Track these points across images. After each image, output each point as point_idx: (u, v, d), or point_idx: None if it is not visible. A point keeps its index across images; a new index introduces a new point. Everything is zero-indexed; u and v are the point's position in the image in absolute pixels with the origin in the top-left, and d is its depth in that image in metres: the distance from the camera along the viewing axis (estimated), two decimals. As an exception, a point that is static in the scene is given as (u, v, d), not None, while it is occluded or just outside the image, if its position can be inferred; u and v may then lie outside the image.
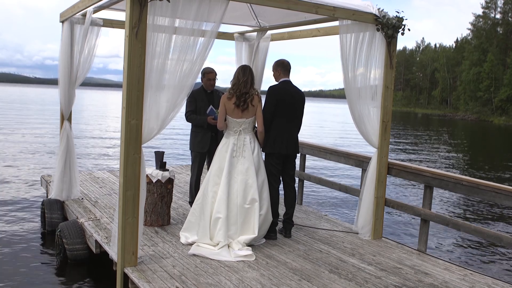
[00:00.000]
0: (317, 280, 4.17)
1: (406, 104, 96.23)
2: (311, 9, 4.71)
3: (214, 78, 5.86)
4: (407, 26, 5.19)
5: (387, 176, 5.56)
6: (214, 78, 5.86)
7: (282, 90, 5.18)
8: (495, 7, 76.10)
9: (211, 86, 5.87)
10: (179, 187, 7.58)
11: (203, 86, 5.88)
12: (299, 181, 7.07)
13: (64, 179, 6.46)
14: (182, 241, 4.92)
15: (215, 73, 5.88)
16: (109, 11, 5.86)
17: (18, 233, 6.82)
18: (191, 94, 5.67)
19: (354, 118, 5.30)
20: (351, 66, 5.12)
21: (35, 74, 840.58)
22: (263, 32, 6.91)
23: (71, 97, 6.41)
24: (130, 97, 3.96)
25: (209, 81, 5.83)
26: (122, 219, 4.10)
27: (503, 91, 65.23)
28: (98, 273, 5.32)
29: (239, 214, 4.82)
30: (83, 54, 6.10)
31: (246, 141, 4.97)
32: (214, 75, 5.86)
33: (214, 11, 4.16)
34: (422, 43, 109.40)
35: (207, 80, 5.82)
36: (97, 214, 5.81)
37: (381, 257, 4.92)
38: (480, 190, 4.71)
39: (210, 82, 5.84)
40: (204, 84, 5.86)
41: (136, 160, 4.07)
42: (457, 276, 4.54)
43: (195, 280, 3.99)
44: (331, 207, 9.79)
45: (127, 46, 3.91)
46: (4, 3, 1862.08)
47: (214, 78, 5.86)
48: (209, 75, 5.82)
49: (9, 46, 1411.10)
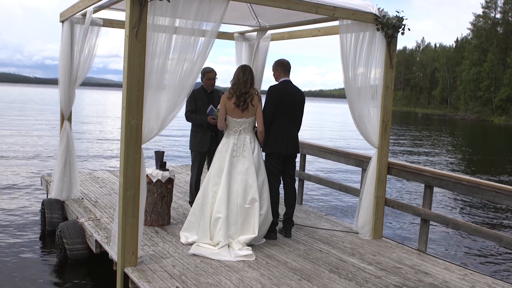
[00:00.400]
0: (317, 280, 4.17)
1: (406, 104, 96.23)
2: (311, 9, 4.71)
3: (214, 78, 5.87)
4: (407, 26, 5.19)
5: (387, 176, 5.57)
6: (214, 78, 5.87)
7: (282, 90, 5.18)
8: (495, 7, 76.16)
9: (211, 85, 5.87)
10: (179, 187, 7.58)
11: (203, 86, 5.88)
12: (299, 181, 7.07)
13: (64, 179, 6.46)
14: (182, 241, 4.93)
15: (215, 73, 5.89)
16: (109, 11, 5.86)
17: (18, 233, 6.83)
18: (191, 94, 5.67)
19: (354, 118, 5.30)
20: (351, 66, 5.12)
21: (35, 74, 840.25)
22: (263, 32, 6.91)
23: (71, 97, 6.41)
24: (130, 97, 3.96)
25: (209, 80, 5.84)
26: (122, 219, 4.10)
27: (503, 91, 65.23)
28: (98, 273, 5.33)
29: (239, 214, 4.82)
30: (83, 54, 6.10)
31: (246, 141, 4.97)
32: (214, 74, 5.87)
33: (214, 11, 4.16)
34: (422, 43, 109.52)
35: (207, 79, 5.83)
36: (97, 214, 5.81)
37: (381, 257, 4.92)
38: (480, 189, 4.71)
39: (210, 81, 5.85)
40: (204, 83, 5.86)
41: (136, 160, 4.07)
42: (457, 276, 4.55)
43: (195, 280, 4.00)
44: (331, 207, 9.79)
45: (127, 46, 3.91)
46: (4, 3, 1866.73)
47: (214, 78, 5.87)
48: (209, 75, 5.82)
49: (9, 46, 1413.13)
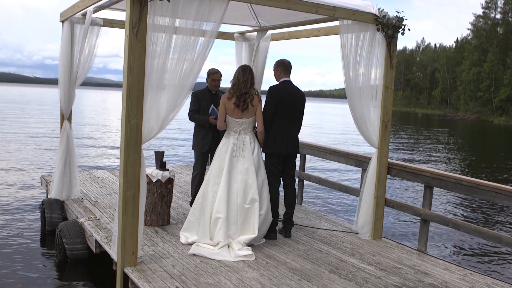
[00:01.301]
0: (317, 280, 4.17)
1: (406, 104, 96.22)
2: (311, 9, 4.71)
3: (219, 79, 5.90)
4: (407, 26, 5.19)
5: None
6: (219, 79, 5.90)
7: (283, 90, 5.18)
8: (495, 7, 76.17)
9: (216, 87, 5.90)
10: (179, 187, 7.58)
11: (208, 87, 5.91)
12: (299, 181, 7.07)
13: (64, 179, 6.46)
14: (182, 241, 4.93)
15: (220, 74, 5.92)
16: (109, 11, 5.86)
17: (18, 233, 6.82)
18: (195, 94, 5.75)
19: (355, 118, 5.30)
20: (351, 66, 5.12)
21: (35, 74, 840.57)
22: (263, 32, 6.91)
23: (71, 97, 6.41)
24: (130, 97, 3.96)
25: (214, 82, 5.86)
26: (122, 219, 4.10)
27: (503, 91, 65.24)
28: (98, 273, 5.32)
29: (239, 214, 4.82)
30: (83, 54, 6.10)
31: (246, 141, 4.97)
32: (219, 76, 5.90)
33: (214, 11, 4.16)
34: (422, 43, 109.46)
35: (212, 80, 5.86)
36: (97, 214, 5.81)
37: (381, 257, 4.92)
38: (480, 190, 4.71)
39: (214, 83, 5.87)
40: (209, 84, 5.89)
41: (136, 160, 4.07)
42: (457, 276, 4.54)
43: (195, 280, 4.00)
44: (331, 207, 9.79)
45: (127, 46, 3.91)
46: (4, 3, 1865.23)
47: (219, 79, 5.90)
48: (214, 76, 5.85)
49: (9, 46, 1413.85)
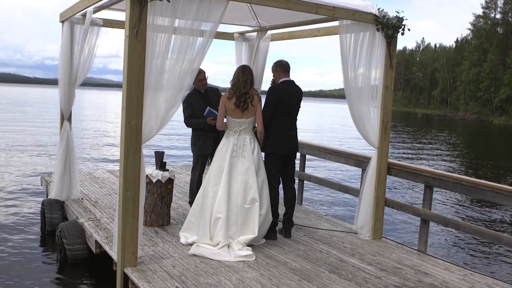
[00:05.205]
0: (317, 280, 4.17)
1: (406, 104, 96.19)
2: (311, 9, 4.71)
3: (204, 78, 5.80)
4: (407, 26, 5.19)
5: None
6: (204, 78, 5.80)
7: (282, 91, 5.18)
8: (495, 7, 76.12)
9: (203, 86, 5.81)
10: (179, 187, 7.58)
11: (196, 88, 5.80)
12: (299, 181, 7.07)
13: (64, 179, 6.45)
14: (182, 241, 4.92)
15: (204, 73, 5.81)
16: (109, 11, 5.86)
17: (18, 233, 6.82)
18: (186, 100, 5.40)
19: (354, 118, 5.30)
20: (351, 66, 5.12)
21: (35, 74, 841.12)
22: (263, 32, 6.90)
23: (71, 97, 6.41)
24: (130, 97, 3.96)
25: (201, 81, 5.75)
26: (122, 219, 4.10)
27: (503, 91, 65.21)
28: (98, 273, 5.32)
29: (239, 214, 4.81)
30: (83, 54, 6.09)
31: (246, 141, 4.97)
32: (204, 74, 5.79)
33: (213, 11, 4.16)
34: (422, 43, 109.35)
35: (198, 81, 5.71)
36: (97, 214, 5.81)
37: (381, 257, 4.92)
38: (480, 190, 4.71)
39: (201, 82, 5.76)
40: (196, 85, 5.76)
41: (136, 160, 4.07)
42: (457, 276, 4.55)
43: (195, 280, 4.00)
44: (331, 207, 9.79)
45: (127, 46, 3.91)
46: (5, 4, 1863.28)
47: (204, 78, 5.80)
48: (199, 76, 5.69)
49: (9, 46, 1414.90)
